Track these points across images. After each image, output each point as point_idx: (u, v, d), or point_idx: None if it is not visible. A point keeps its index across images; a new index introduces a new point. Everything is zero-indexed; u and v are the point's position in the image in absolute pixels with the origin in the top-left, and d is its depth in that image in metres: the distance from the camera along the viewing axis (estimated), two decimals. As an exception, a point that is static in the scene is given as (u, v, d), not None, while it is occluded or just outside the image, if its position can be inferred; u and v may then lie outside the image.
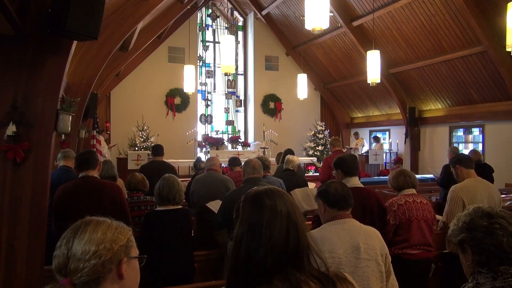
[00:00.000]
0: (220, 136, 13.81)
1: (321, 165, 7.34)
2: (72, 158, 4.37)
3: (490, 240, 1.50)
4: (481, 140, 10.31)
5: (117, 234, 1.18)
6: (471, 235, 1.55)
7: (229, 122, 14.42)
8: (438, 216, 3.69)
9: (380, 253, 2.15)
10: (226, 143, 13.63)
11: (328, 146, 13.61)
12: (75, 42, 3.12)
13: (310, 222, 3.98)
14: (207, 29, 14.56)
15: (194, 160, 7.63)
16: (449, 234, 1.66)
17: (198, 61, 13.94)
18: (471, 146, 10.62)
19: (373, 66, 8.42)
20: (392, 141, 13.10)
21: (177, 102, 13.40)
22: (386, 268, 2.17)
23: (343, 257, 2.06)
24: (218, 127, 14.26)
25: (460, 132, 11.19)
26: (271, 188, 1.26)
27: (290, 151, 6.21)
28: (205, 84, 14.29)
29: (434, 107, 11.46)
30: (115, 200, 3.28)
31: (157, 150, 5.81)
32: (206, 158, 5.01)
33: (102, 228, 1.17)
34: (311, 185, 5.47)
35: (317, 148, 14.00)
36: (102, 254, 1.12)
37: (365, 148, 13.43)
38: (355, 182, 3.07)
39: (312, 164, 12.95)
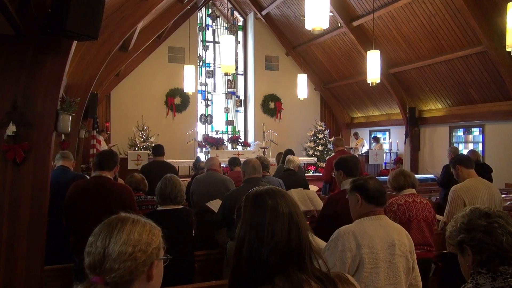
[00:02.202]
0: (220, 136, 13.81)
1: (324, 165, 7.35)
2: (70, 159, 4.41)
3: (490, 240, 1.51)
4: (481, 140, 10.31)
5: (151, 236, 1.19)
6: (471, 235, 1.55)
7: (229, 122, 14.41)
8: (438, 216, 3.69)
9: (409, 249, 2.23)
10: (226, 143, 13.63)
11: (328, 146, 13.65)
12: (75, 42, 3.11)
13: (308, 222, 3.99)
14: (207, 29, 14.56)
15: (194, 160, 7.63)
16: (447, 236, 1.67)
17: (198, 61, 13.94)
18: (471, 146, 10.62)
19: (373, 66, 8.42)
20: (392, 141, 13.09)
21: (177, 102, 13.39)
22: (412, 264, 2.26)
23: (381, 253, 2.13)
24: (218, 127, 14.26)
25: (460, 132, 11.19)
26: (272, 188, 1.26)
27: (290, 151, 6.22)
28: (205, 84, 14.28)
29: (434, 107, 11.45)
30: (125, 202, 3.27)
31: (158, 150, 5.82)
32: (206, 158, 5.01)
33: (138, 229, 1.17)
34: (312, 187, 5.48)
35: (317, 148, 13.99)
36: (137, 256, 1.13)
37: (365, 148, 13.43)
38: None
39: (312, 164, 12.94)
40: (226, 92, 14.53)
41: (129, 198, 3.36)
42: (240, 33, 15.07)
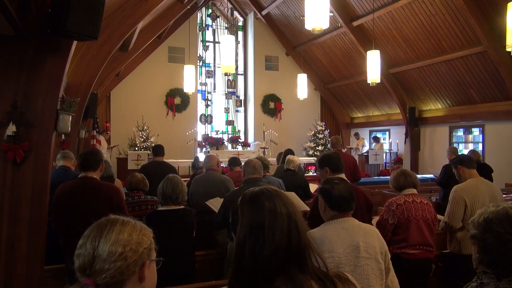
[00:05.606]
0: (220, 136, 13.80)
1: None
2: (71, 159, 4.40)
3: (498, 247, 1.49)
4: (481, 140, 10.31)
5: (142, 236, 1.18)
6: (483, 236, 1.53)
7: (229, 122, 14.41)
8: (439, 216, 3.68)
9: (379, 251, 2.15)
10: (226, 143, 13.62)
11: (328, 146, 13.65)
12: (75, 42, 3.12)
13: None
14: (207, 29, 14.56)
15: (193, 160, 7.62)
16: (470, 221, 1.62)
17: (198, 61, 13.94)
18: (471, 146, 10.62)
19: (373, 66, 8.42)
20: (392, 141, 13.09)
21: (177, 102, 13.39)
22: (386, 265, 2.17)
23: (343, 256, 2.06)
24: (218, 127, 14.25)
25: (460, 132, 11.19)
26: (267, 188, 1.25)
27: (290, 151, 6.22)
28: (205, 84, 14.28)
29: (434, 107, 11.45)
30: (112, 202, 3.20)
31: (158, 150, 5.81)
32: (205, 157, 4.99)
33: (128, 229, 1.17)
34: (313, 186, 5.48)
35: (317, 148, 13.99)
36: (128, 256, 1.12)
37: (366, 148, 13.43)
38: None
39: (312, 164, 12.94)
40: (226, 92, 14.53)
41: (116, 197, 3.26)
42: (240, 33, 15.06)
